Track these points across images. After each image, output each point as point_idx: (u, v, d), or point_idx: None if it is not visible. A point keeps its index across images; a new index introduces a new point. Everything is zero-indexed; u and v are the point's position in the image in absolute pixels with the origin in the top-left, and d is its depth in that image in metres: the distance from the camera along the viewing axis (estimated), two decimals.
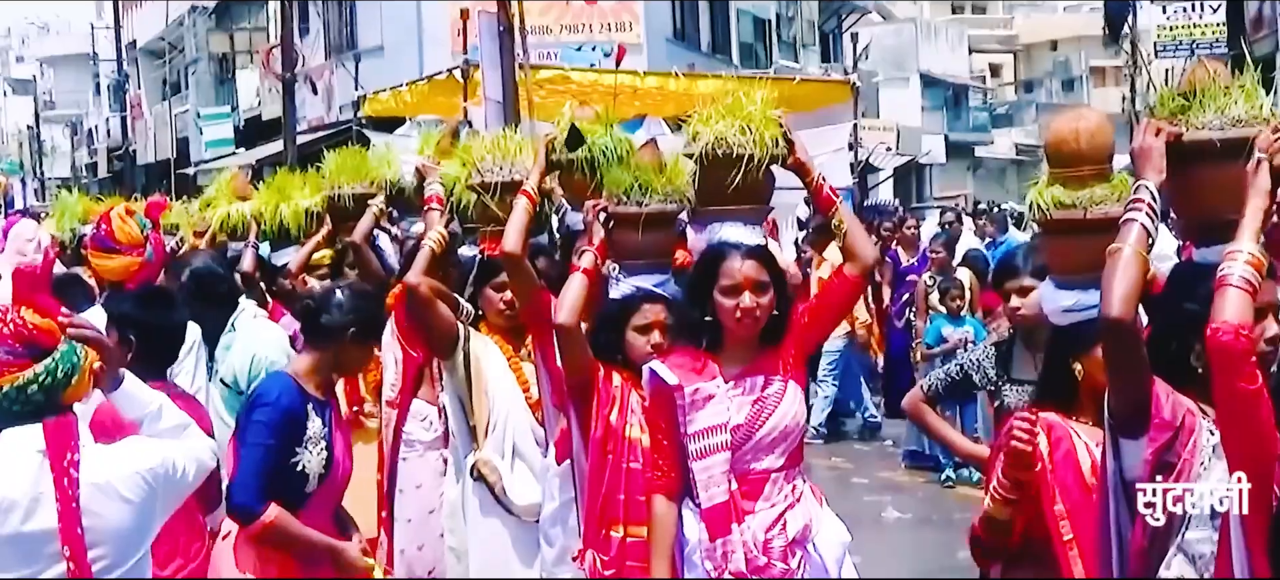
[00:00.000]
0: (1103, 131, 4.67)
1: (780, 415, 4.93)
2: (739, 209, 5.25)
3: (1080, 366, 4.59)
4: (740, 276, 4.88)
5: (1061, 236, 4.67)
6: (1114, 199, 4.48)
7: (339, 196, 8.77)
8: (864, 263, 5.25)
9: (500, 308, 6.44)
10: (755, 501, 4.89)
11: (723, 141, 5.15)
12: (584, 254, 5.47)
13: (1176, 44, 32.31)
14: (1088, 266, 4.31)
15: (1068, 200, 4.57)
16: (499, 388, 6.32)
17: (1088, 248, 4.35)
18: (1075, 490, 4.40)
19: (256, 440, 5.25)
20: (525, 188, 5.84)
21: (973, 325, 13.09)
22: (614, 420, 5.43)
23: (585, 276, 5.37)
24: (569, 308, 5.30)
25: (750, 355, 4.99)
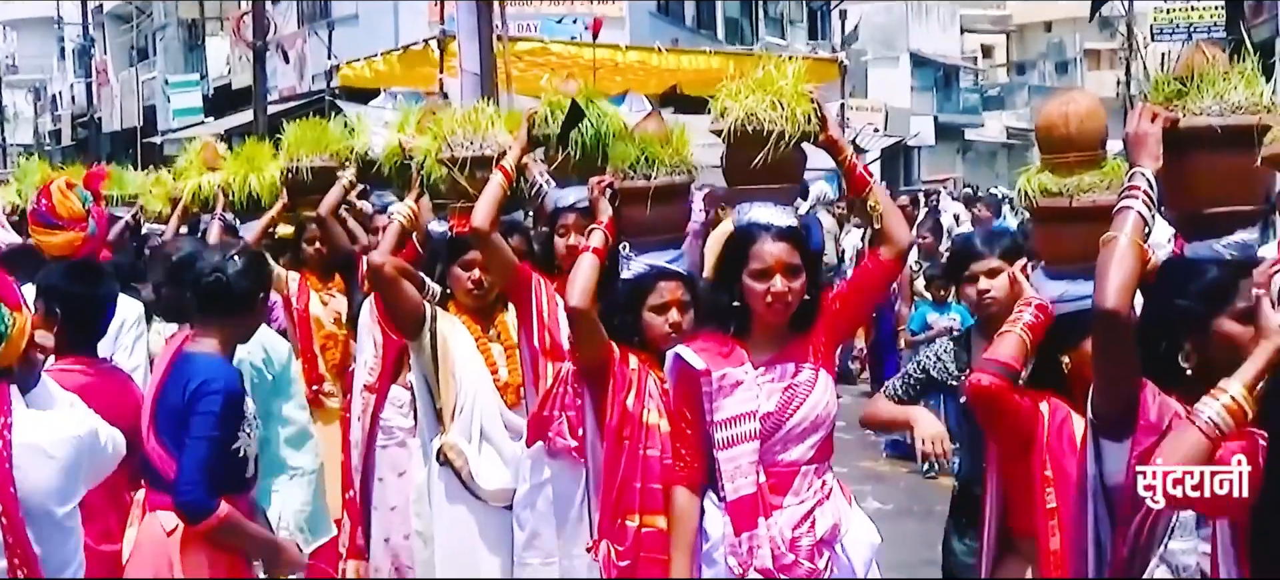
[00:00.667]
0: (1094, 116, 4.50)
1: (812, 405, 4.76)
2: (769, 188, 4.97)
3: (1068, 360, 4.39)
4: (771, 259, 4.70)
5: (1050, 224, 4.53)
6: (1104, 186, 4.33)
7: (298, 169, 8.58)
8: (899, 246, 5.04)
9: (468, 287, 6.29)
10: (783, 496, 4.74)
11: (754, 117, 4.87)
12: (593, 232, 5.36)
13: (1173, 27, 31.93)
14: (1076, 256, 4.27)
15: (1055, 188, 4.43)
16: (466, 370, 6.20)
17: (1076, 236, 4.30)
18: (1067, 462, 4.23)
19: (203, 432, 4.99)
20: (502, 163, 5.84)
21: (960, 312, 12.68)
22: (631, 405, 5.30)
23: (595, 256, 5.26)
24: (581, 290, 5.16)
25: (780, 342, 4.82)
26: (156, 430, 5.09)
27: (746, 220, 4.90)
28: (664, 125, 5.67)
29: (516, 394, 6.20)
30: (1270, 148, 3.56)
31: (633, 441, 5.28)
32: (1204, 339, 3.71)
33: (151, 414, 5.13)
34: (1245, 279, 3.70)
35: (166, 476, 5.04)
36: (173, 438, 5.05)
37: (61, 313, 5.30)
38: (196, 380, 5.07)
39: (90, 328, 5.57)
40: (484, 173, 6.07)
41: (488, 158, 6.23)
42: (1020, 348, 4.31)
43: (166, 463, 5.05)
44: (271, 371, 6.31)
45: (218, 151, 9.90)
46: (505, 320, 6.32)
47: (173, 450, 5.04)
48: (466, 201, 6.15)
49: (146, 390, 5.26)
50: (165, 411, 5.09)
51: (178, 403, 5.06)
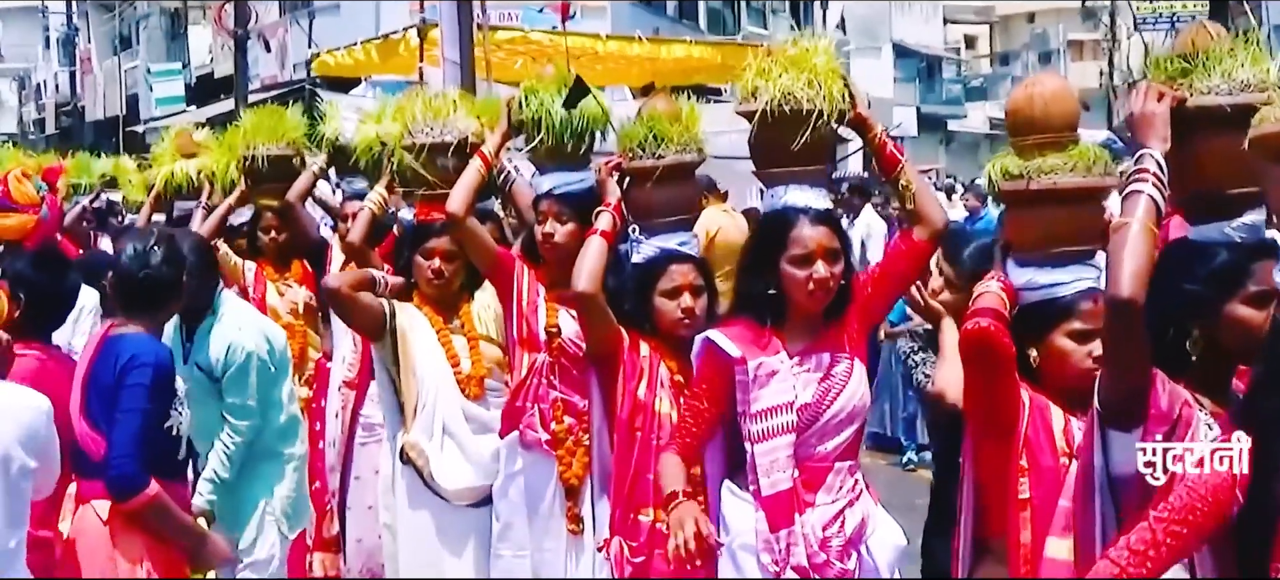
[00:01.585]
0: (1060, 98, 4.30)
1: (848, 395, 4.66)
2: (805, 170, 4.79)
3: (1036, 353, 4.18)
4: (813, 244, 4.58)
5: (1013, 209, 4.35)
6: (1067, 168, 4.15)
7: (254, 157, 8.41)
8: (934, 227, 4.87)
9: (428, 276, 6.24)
10: (815, 493, 4.63)
11: (790, 97, 4.65)
12: (601, 215, 5.26)
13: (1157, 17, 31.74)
14: (1038, 241, 4.18)
15: (1016, 170, 4.23)
16: (427, 366, 6.15)
17: (1039, 221, 4.19)
18: (1044, 455, 4.07)
19: (134, 405, 4.96)
20: (482, 150, 5.80)
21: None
22: (642, 395, 5.18)
23: (604, 239, 5.16)
24: (589, 274, 5.06)
25: (815, 330, 4.71)
26: (87, 413, 5.04)
27: (782, 204, 4.75)
28: (673, 103, 5.55)
29: (480, 386, 6.16)
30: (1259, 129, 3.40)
31: (645, 433, 5.17)
32: (1213, 324, 3.61)
33: (82, 398, 5.07)
34: (1257, 262, 3.60)
35: (97, 459, 5.00)
36: (104, 418, 5.01)
37: (24, 299, 5.33)
38: (127, 355, 5.06)
39: (49, 316, 5.63)
40: (444, 159, 6.14)
41: (447, 144, 6.23)
42: (1002, 303, 4.14)
43: (98, 445, 5.00)
44: (273, 360, 6.29)
45: (193, 139, 9.69)
46: (470, 311, 6.25)
47: (104, 431, 5.00)
48: (429, 189, 6.22)
49: (75, 376, 5.16)
50: (96, 392, 5.05)
51: (108, 382, 5.03)
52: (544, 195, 5.86)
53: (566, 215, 5.74)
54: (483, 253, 5.83)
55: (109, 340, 5.16)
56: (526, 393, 5.81)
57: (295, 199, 8.11)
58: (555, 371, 5.78)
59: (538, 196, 5.94)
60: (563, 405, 5.76)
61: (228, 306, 6.37)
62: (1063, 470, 4.02)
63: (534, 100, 5.83)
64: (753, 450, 4.59)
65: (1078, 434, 4.05)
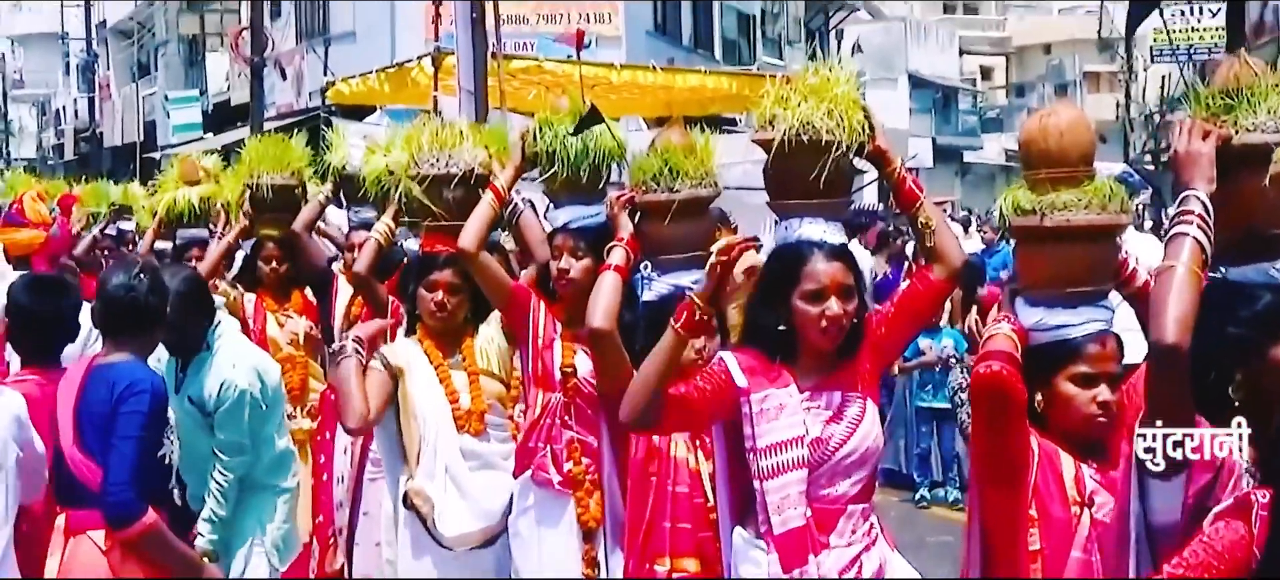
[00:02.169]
0: (1075, 130, 4.15)
1: (861, 436, 4.45)
2: (820, 203, 4.60)
3: (1042, 398, 4.06)
4: (826, 279, 4.39)
5: (1024, 245, 4.24)
6: (1082, 205, 4.03)
7: (257, 186, 8.28)
8: (952, 265, 4.67)
9: (431, 308, 6.07)
10: (828, 535, 4.41)
11: (809, 126, 4.47)
12: (614, 250, 5.01)
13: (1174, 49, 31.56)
14: (1049, 280, 4.06)
15: (1028, 205, 4.11)
16: (426, 406, 5.99)
17: (1051, 259, 4.07)
18: (1054, 504, 3.99)
19: (130, 432, 4.97)
20: (494, 183, 5.70)
21: (953, 337, 12.65)
22: (657, 439, 5.03)
23: (618, 274, 4.89)
24: (603, 311, 4.73)
25: (826, 368, 4.50)
26: (80, 442, 5.04)
27: (795, 237, 4.54)
28: (688, 135, 5.40)
29: (481, 421, 6.01)
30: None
31: (660, 478, 5.03)
32: (1258, 368, 3.46)
33: (74, 428, 5.07)
34: None
35: (92, 488, 5.00)
36: (98, 447, 5.01)
37: (19, 324, 5.48)
38: (123, 383, 5.05)
39: (44, 340, 5.61)
40: (450, 191, 6.05)
41: (453, 176, 6.11)
42: (1014, 346, 4.01)
43: (93, 473, 5.00)
44: (266, 397, 6.17)
45: (197, 166, 9.72)
46: (472, 345, 6.11)
47: (99, 460, 5.00)
48: (435, 220, 6.13)
49: (61, 407, 5.15)
50: (89, 421, 5.05)
51: (103, 410, 5.03)
52: (559, 229, 5.74)
53: (582, 250, 5.63)
54: (497, 288, 5.71)
55: (99, 369, 5.13)
56: (539, 433, 5.68)
57: (301, 228, 8.01)
58: (570, 411, 5.64)
59: (553, 231, 5.82)
60: (579, 446, 5.61)
61: (222, 342, 6.27)
62: (1074, 520, 3.95)
63: (548, 132, 5.73)
64: (763, 488, 4.38)
65: (1089, 482, 3.99)
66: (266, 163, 8.33)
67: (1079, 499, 3.97)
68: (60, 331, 5.67)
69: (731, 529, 4.58)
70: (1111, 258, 4.18)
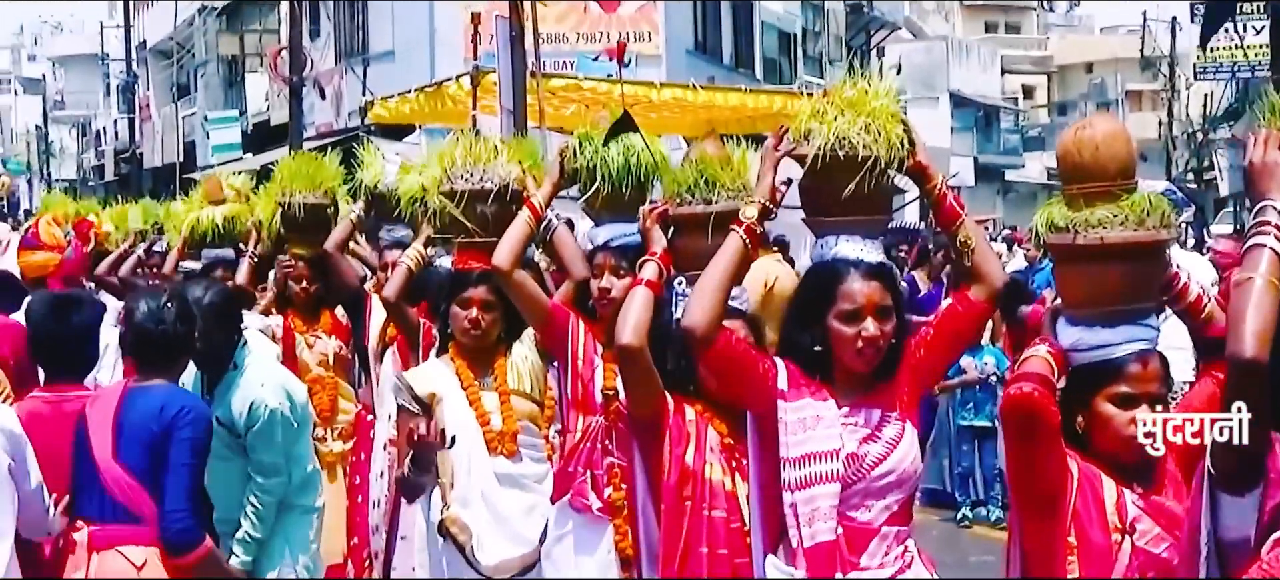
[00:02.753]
0: (1111, 142, 4.03)
1: (899, 458, 4.30)
2: (857, 220, 4.45)
3: (1082, 420, 3.97)
4: (862, 299, 4.25)
5: (1061, 264, 4.14)
6: (1117, 221, 3.92)
7: (289, 205, 8.17)
8: (992, 286, 4.52)
9: (465, 326, 5.92)
10: (858, 557, 4.26)
11: (845, 141, 4.33)
12: (646, 264, 4.80)
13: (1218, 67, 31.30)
14: (1086, 299, 3.97)
15: (1062, 222, 4.02)
16: (460, 435, 5.70)
17: (1088, 277, 3.96)
18: (1094, 530, 3.89)
19: (185, 459, 5.02)
20: (531, 199, 5.58)
21: (994, 355, 12.56)
22: (691, 461, 4.75)
23: (649, 289, 4.67)
24: (633, 327, 4.54)
25: (863, 390, 4.35)
26: (122, 461, 5.05)
27: (832, 255, 4.40)
28: (723, 146, 5.30)
29: (513, 442, 5.86)
30: None
31: (695, 502, 4.76)
32: None
33: (113, 445, 5.09)
34: None
35: (134, 508, 5.03)
36: (139, 467, 5.03)
37: (35, 341, 5.63)
38: (174, 408, 5.09)
39: (60, 357, 5.64)
40: (484, 206, 5.93)
41: (487, 191, 5.98)
42: (1050, 368, 3.92)
43: (132, 492, 5.02)
44: (295, 416, 6.16)
45: (221, 185, 9.62)
46: (505, 365, 5.97)
47: (144, 481, 5.02)
48: (467, 237, 6.03)
49: (95, 425, 5.17)
50: (131, 440, 5.08)
51: (150, 431, 5.06)
52: (600, 247, 5.63)
53: (624, 268, 5.49)
54: (534, 307, 5.57)
55: (138, 391, 5.16)
56: (579, 457, 5.54)
57: (333, 248, 7.90)
58: (611, 436, 5.46)
59: (593, 249, 5.71)
60: (619, 471, 5.43)
61: (250, 360, 6.23)
62: (1115, 548, 3.86)
63: (589, 147, 5.62)
64: (792, 498, 4.25)
65: (1131, 508, 3.88)
66: (299, 181, 8.23)
67: (1120, 525, 3.86)
68: (76, 348, 5.68)
69: (764, 555, 4.46)
70: (1153, 275, 4.04)
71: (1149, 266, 4.01)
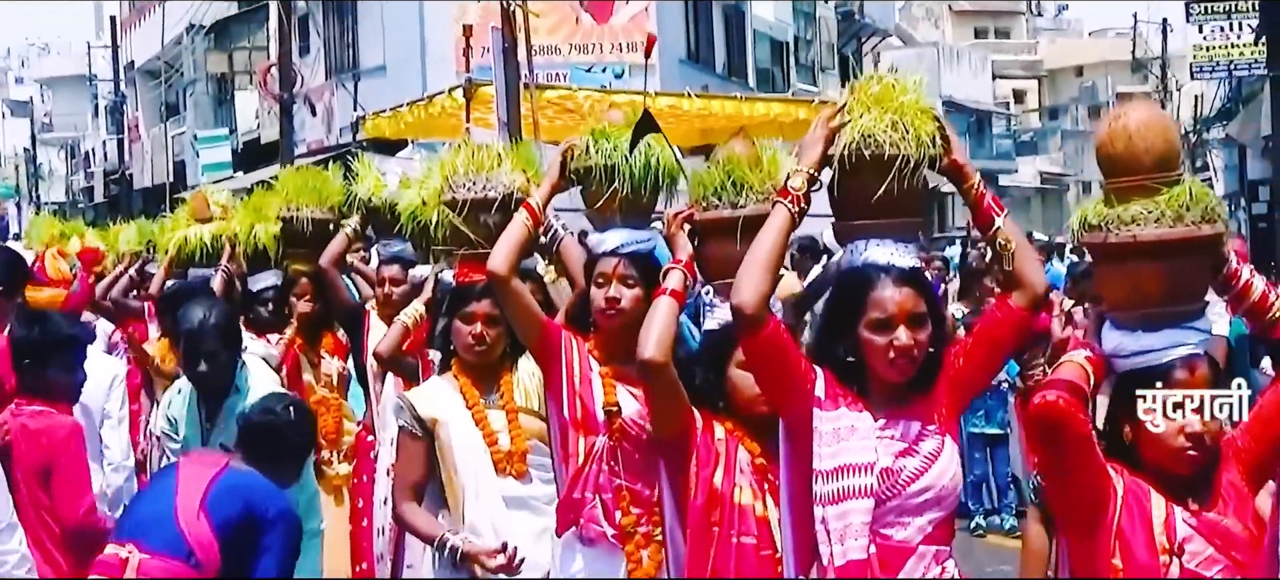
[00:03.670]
0: (1146, 132, 3.84)
1: (938, 473, 4.08)
2: (889, 223, 4.22)
3: (1130, 430, 3.81)
4: (894, 307, 4.03)
5: (1099, 264, 4.00)
6: (1152, 218, 3.76)
7: (293, 220, 8.10)
8: (1034, 291, 4.21)
9: (468, 341, 5.63)
10: (893, 576, 4.06)
11: (872, 140, 4.10)
12: (671, 272, 4.59)
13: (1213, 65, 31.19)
14: (1128, 300, 3.82)
15: (1095, 219, 3.87)
16: (465, 453, 5.56)
17: (1126, 277, 3.81)
18: (1139, 548, 3.75)
19: (284, 554, 5.33)
20: (529, 201, 5.25)
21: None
22: (719, 483, 4.49)
23: (674, 299, 4.47)
24: (657, 340, 4.32)
25: (899, 402, 4.13)
26: (210, 520, 5.25)
27: (861, 261, 4.20)
28: (753, 147, 5.01)
29: (522, 462, 5.58)
30: None
31: (723, 526, 4.50)
32: None
33: (201, 505, 5.27)
34: None
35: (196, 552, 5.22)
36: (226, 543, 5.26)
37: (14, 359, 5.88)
38: (274, 507, 5.34)
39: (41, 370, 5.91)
40: (487, 216, 5.69)
41: (490, 200, 5.76)
42: (1084, 375, 3.73)
43: (205, 545, 5.23)
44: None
45: (207, 202, 9.45)
46: (511, 381, 5.69)
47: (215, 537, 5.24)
48: (470, 248, 5.78)
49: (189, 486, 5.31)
50: (218, 513, 5.27)
51: (238, 514, 5.29)
52: (608, 254, 5.27)
53: (633, 278, 5.19)
54: (526, 320, 5.25)
55: (236, 474, 5.36)
56: (585, 481, 5.19)
57: (329, 264, 7.73)
58: (617, 457, 5.16)
59: (599, 255, 5.35)
60: (628, 494, 5.14)
61: (253, 383, 6.14)
62: (1163, 569, 3.72)
63: (605, 145, 5.30)
64: (823, 513, 4.05)
65: (1182, 527, 3.72)
66: (304, 195, 8.11)
67: (1167, 546, 3.72)
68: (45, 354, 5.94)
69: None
70: (1197, 274, 3.84)
71: (1191, 265, 3.81)
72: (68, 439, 5.85)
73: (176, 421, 6.47)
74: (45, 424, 5.85)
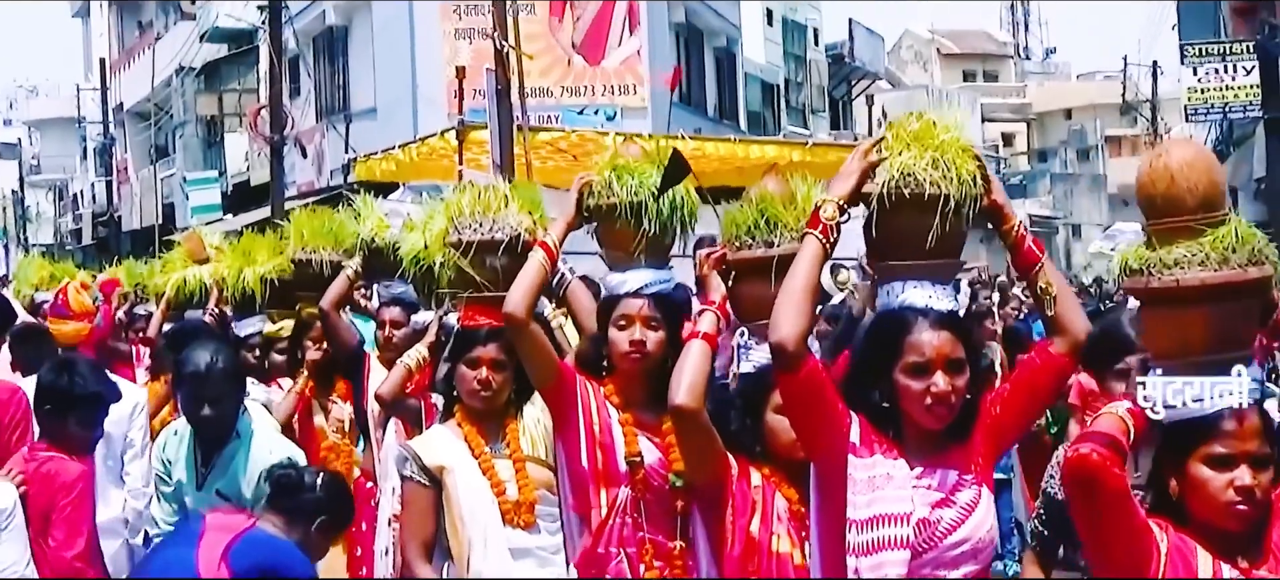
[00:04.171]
0: (1188, 171, 3.70)
1: (975, 525, 3.97)
2: (926, 264, 4.10)
3: (1176, 485, 3.64)
4: (931, 351, 3.92)
5: (1143, 311, 3.88)
6: (1196, 261, 3.62)
7: (309, 262, 8.05)
8: (1075, 338, 4.11)
9: (474, 388, 5.46)
10: None
11: (911, 178, 3.97)
12: (703, 315, 4.50)
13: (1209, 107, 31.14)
14: (1169, 349, 3.66)
15: (1137, 263, 3.74)
16: (472, 503, 5.39)
17: (1168, 325, 3.68)
18: None
19: None
20: (544, 239, 5.10)
21: None
22: (756, 531, 4.38)
23: (706, 344, 4.36)
24: (690, 387, 4.23)
25: (935, 450, 4.01)
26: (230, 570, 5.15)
27: (898, 303, 4.07)
28: (787, 183, 4.85)
29: (530, 512, 5.41)
30: None
31: (761, 576, 4.40)
32: None
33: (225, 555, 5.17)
34: None
35: None
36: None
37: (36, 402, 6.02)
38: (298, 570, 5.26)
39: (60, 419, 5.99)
40: (494, 259, 5.52)
41: (498, 242, 5.56)
42: (1123, 428, 3.58)
43: None
44: None
45: (204, 243, 9.42)
46: (517, 428, 5.51)
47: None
48: (474, 290, 5.61)
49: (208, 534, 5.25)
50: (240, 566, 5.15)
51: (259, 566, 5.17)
52: (631, 294, 5.09)
53: (657, 320, 5.03)
54: (544, 365, 5.06)
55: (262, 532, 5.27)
56: (609, 536, 5.01)
57: (330, 306, 7.59)
58: (640, 508, 5.00)
59: (620, 296, 5.16)
60: (651, 547, 4.98)
61: (255, 428, 6.05)
62: None
63: (630, 181, 5.12)
64: (857, 564, 3.92)
65: None
66: (320, 238, 8.02)
67: None
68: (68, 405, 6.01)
69: None
70: (1244, 320, 3.69)
71: (1238, 309, 3.66)
72: (71, 484, 5.85)
73: (171, 464, 6.31)
74: (54, 468, 5.88)
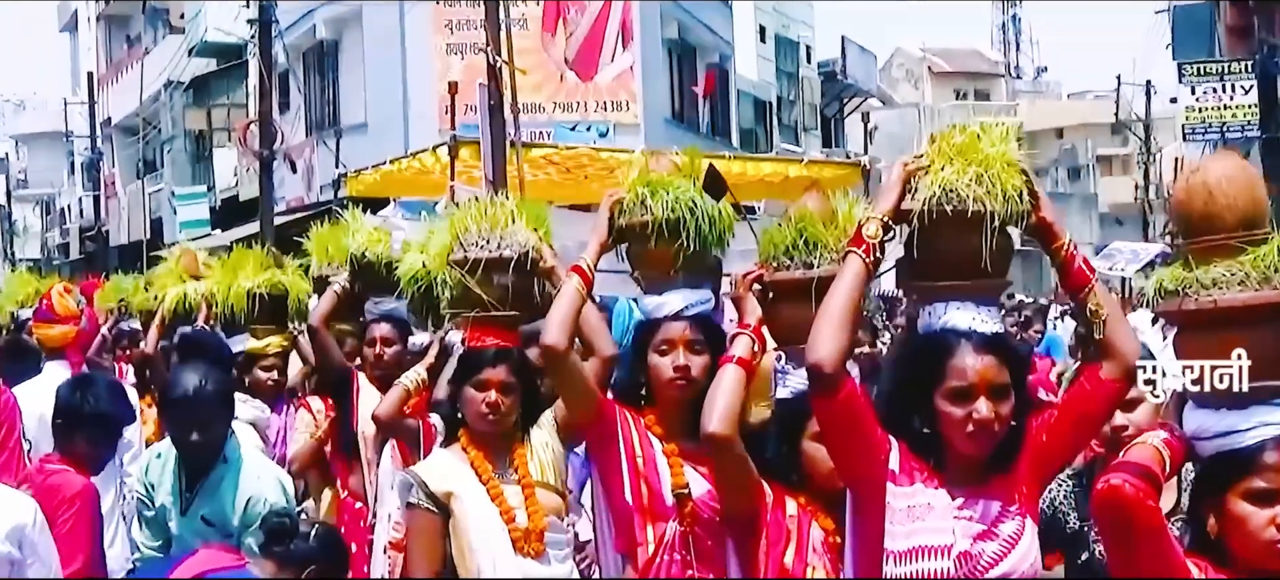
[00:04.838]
0: (1227, 187, 3.54)
1: (1018, 558, 3.85)
2: (971, 284, 3.94)
3: (1214, 522, 3.47)
4: (974, 376, 3.77)
5: (1179, 334, 3.66)
6: (1236, 281, 3.45)
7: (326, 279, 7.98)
8: (1126, 363, 3.92)
9: (482, 411, 5.23)
10: None
11: (954, 194, 3.80)
12: (738, 339, 4.41)
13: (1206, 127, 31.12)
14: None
15: (1173, 284, 3.56)
16: (481, 532, 5.17)
17: (1205, 350, 3.49)
18: None
19: None
20: (579, 263, 4.84)
21: None
22: (790, 562, 4.28)
23: (741, 368, 4.28)
24: (723, 414, 4.16)
25: (977, 478, 3.88)
26: None
27: (940, 325, 3.94)
28: (827, 202, 4.70)
29: (540, 540, 5.17)
30: None
31: None
32: None
33: None
34: None
35: None
36: None
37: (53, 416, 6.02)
38: None
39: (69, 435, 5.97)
40: (501, 277, 5.30)
41: (506, 260, 5.34)
42: (1158, 459, 3.41)
43: None
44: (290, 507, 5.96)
45: (198, 259, 9.39)
46: (525, 453, 5.29)
47: None
48: (480, 310, 5.37)
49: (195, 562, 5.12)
50: None
51: None
52: (671, 318, 4.90)
53: (701, 343, 4.82)
54: (583, 396, 4.87)
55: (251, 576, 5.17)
56: (657, 573, 4.77)
57: (319, 323, 7.47)
58: (688, 544, 4.76)
59: (659, 319, 4.96)
60: None
61: (242, 453, 5.91)
62: None
63: (668, 197, 4.86)
64: None
65: None
66: (341, 255, 7.90)
67: None
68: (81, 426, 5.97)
69: None
70: None
71: None
72: (74, 498, 5.76)
73: (154, 488, 6.11)
74: (58, 481, 5.84)
